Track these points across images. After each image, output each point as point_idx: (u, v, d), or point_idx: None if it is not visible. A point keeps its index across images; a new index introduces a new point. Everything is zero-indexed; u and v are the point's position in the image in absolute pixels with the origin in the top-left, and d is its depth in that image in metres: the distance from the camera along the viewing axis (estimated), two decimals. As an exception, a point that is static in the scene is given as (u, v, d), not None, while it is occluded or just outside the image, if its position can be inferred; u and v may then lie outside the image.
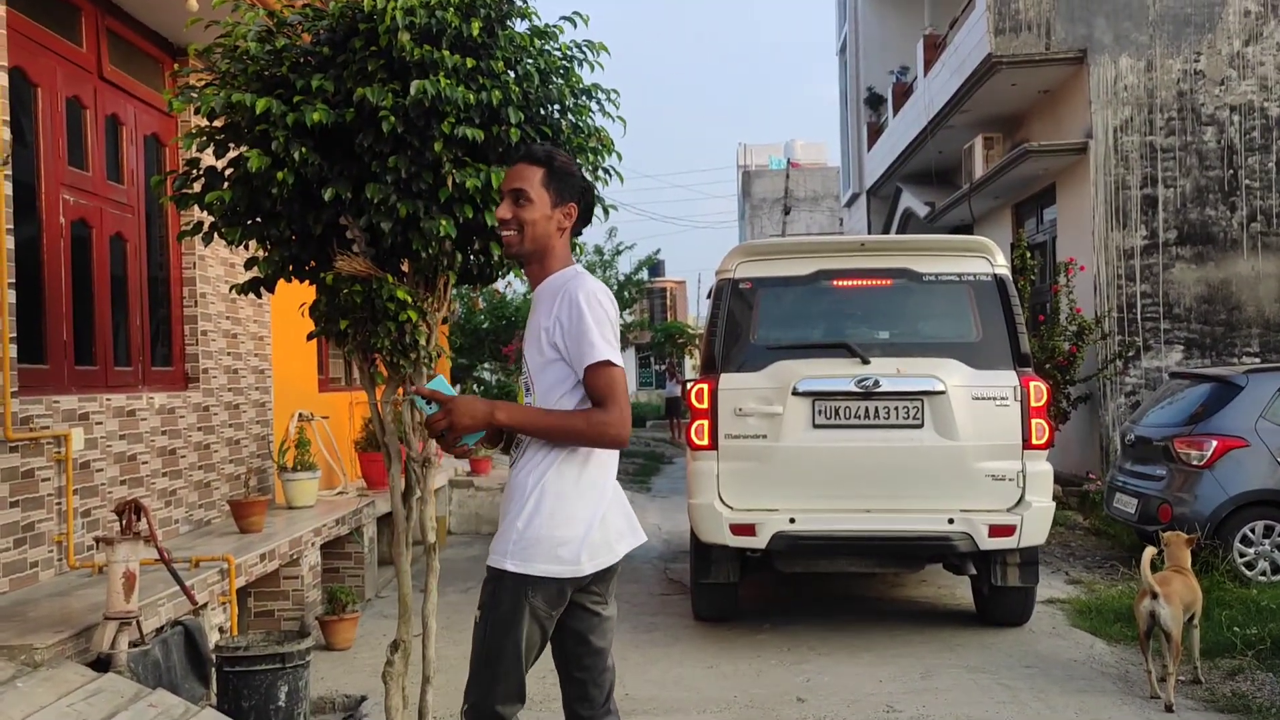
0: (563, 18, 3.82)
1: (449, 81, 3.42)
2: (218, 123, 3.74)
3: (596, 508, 2.70)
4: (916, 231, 17.13)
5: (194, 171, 3.91)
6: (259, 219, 3.76)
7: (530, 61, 3.74)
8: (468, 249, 3.92)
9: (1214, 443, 7.53)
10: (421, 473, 3.97)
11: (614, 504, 2.77)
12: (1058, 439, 8.38)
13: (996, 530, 5.80)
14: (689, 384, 6.60)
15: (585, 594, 2.74)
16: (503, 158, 3.62)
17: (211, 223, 3.89)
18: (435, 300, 3.91)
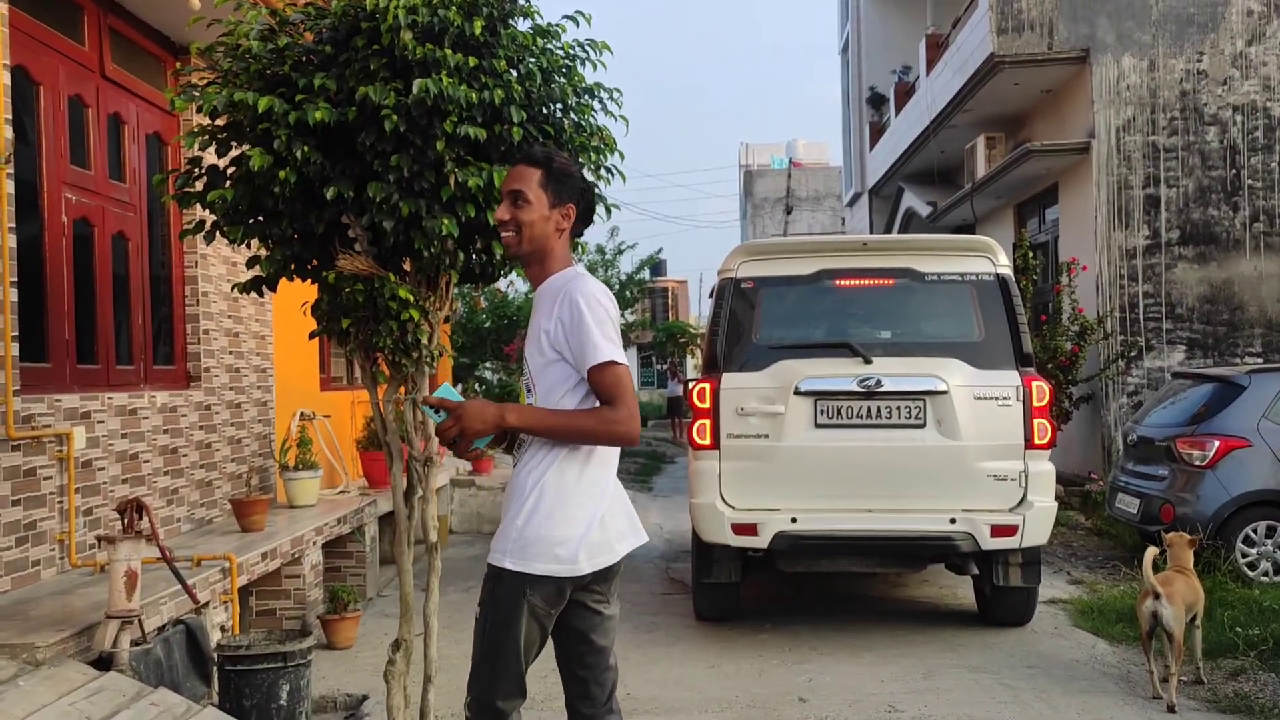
0: (565, 17, 3.82)
1: (451, 80, 3.42)
2: (220, 121, 3.74)
3: (596, 507, 2.71)
4: (918, 231, 17.11)
5: (196, 170, 3.91)
6: (261, 218, 3.76)
7: (533, 60, 3.73)
8: (470, 248, 3.92)
9: (1216, 443, 7.53)
10: (423, 472, 3.97)
11: (615, 503, 2.78)
12: (1060, 439, 8.36)
13: (998, 530, 5.80)
14: (691, 383, 6.60)
15: (587, 593, 2.75)
16: (505, 157, 3.62)
17: (213, 221, 3.90)
18: (437, 299, 3.91)
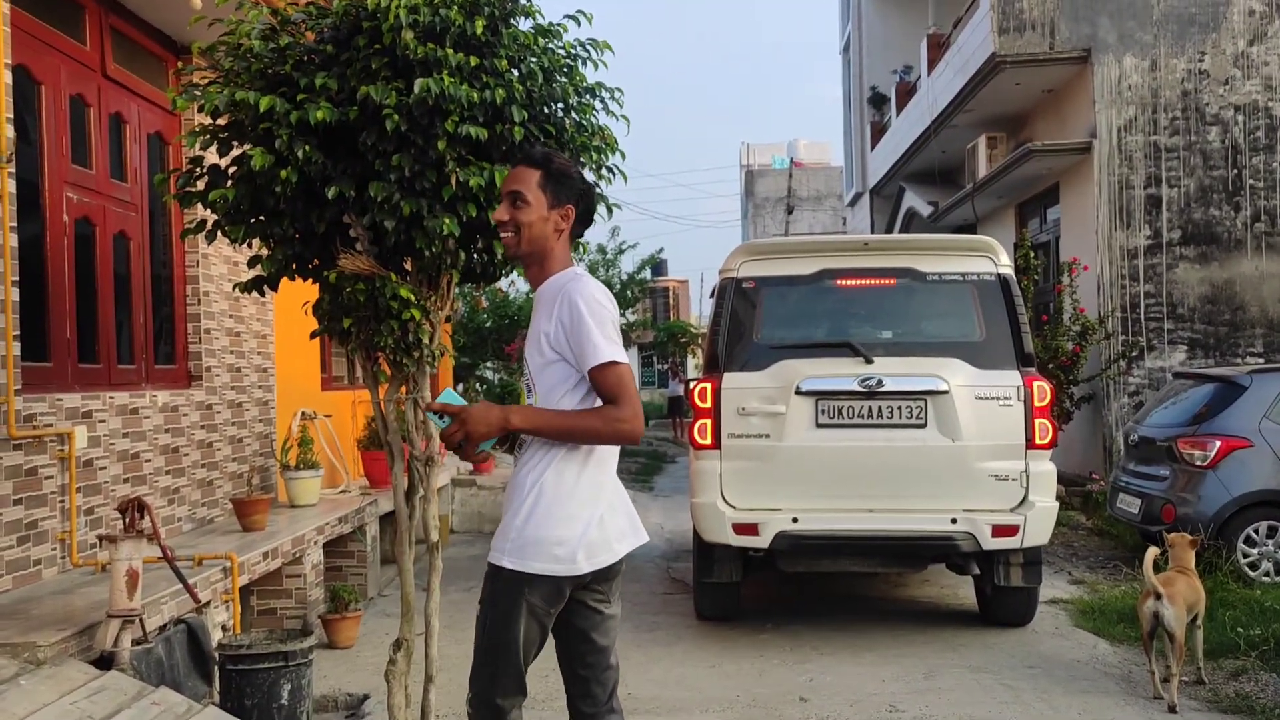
0: (566, 16, 3.82)
1: (453, 80, 3.42)
2: (221, 121, 3.74)
3: (595, 507, 2.71)
4: (920, 231, 17.11)
5: (197, 169, 3.91)
6: (262, 217, 3.76)
7: (534, 60, 3.73)
8: (471, 247, 3.92)
9: (1217, 443, 7.52)
10: (424, 471, 3.97)
11: (614, 503, 2.78)
12: (1061, 439, 8.35)
13: (1000, 530, 5.80)
14: (692, 383, 6.60)
15: (587, 592, 2.76)
16: (506, 156, 3.62)
17: (215, 221, 3.89)
18: (438, 299, 3.91)
